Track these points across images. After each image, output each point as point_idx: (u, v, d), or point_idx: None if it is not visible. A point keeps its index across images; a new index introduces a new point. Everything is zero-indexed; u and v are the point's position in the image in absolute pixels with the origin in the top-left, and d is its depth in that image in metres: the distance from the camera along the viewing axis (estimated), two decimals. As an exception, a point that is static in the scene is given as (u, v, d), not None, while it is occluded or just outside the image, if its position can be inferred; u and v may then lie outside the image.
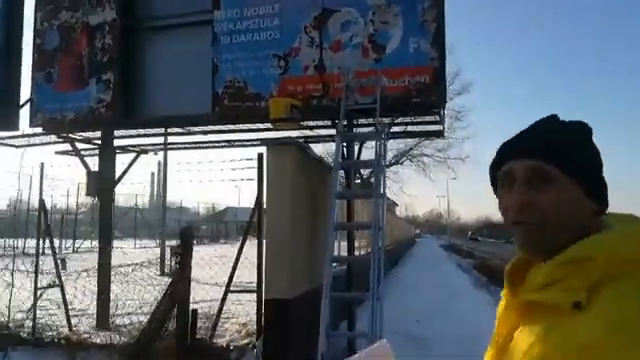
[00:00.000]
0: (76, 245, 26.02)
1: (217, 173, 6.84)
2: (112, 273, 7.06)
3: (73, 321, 7.51)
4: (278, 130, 6.12)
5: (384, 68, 5.98)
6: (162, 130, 7.12)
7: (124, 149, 7.55)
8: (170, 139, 7.53)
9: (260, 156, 5.60)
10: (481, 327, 2.10)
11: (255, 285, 5.61)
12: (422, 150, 28.48)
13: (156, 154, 7.70)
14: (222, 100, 6.61)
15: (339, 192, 4.96)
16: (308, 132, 6.89)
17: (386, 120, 6.20)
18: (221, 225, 48.96)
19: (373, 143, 5.68)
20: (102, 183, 6.96)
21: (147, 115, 7.06)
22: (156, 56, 7.20)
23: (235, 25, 6.66)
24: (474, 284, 14.76)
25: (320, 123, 6.31)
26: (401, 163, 29.12)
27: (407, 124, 6.65)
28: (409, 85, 5.96)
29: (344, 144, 5.97)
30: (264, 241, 5.49)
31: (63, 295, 6.27)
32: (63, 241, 25.47)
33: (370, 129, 6.19)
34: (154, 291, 6.48)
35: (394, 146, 27.53)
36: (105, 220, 7.04)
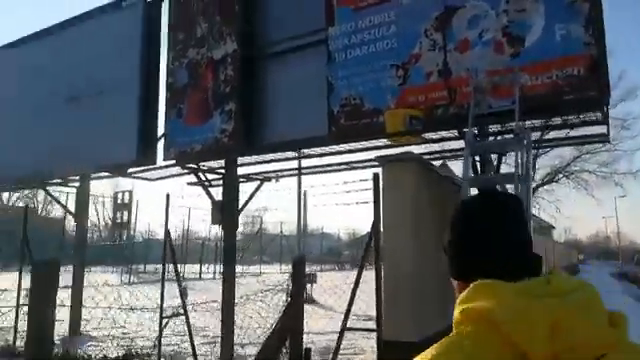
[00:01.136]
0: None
1: (331, 197, 6.36)
2: (241, 299, 6.99)
3: (204, 349, 7.61)
4: (398, 146, 5.42)
5: (524, 64, 4.97)
6: (280, 156, 6.89)
7: (248, 177, 7.52)
8: (287, 165, 7.30)
9: (376, 176, 4.97)
10: None
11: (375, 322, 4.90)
12: (582, 165, 25.01)
13: (277, 181, 7.53)
14: (338, 119, 6.16)
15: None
16: (435, 147, 6.06)
17: (531, 124, 5.12)
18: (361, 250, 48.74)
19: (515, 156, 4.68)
20: (226, 212, 6.95)
21: (266, 141, 6.93)
22: (274, 82, 7.09)
23: (350, 40, 6.22)
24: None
25: (447, 134, 5.46)
26: (557, 181, 25.89)
27: (558, 127, 5.43)
28: (558, 80, 4.84)
29: (477, 157, 5.05)
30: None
31: (188, 324, 6.27)
32: (204, 266, 27.32)
33: (509, 137, 5.15)
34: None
35: (547, 162, 24.69)
36: (229, 248, 7.00)
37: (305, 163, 7.40)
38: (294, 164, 7.39)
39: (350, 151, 6.18)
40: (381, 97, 5.85)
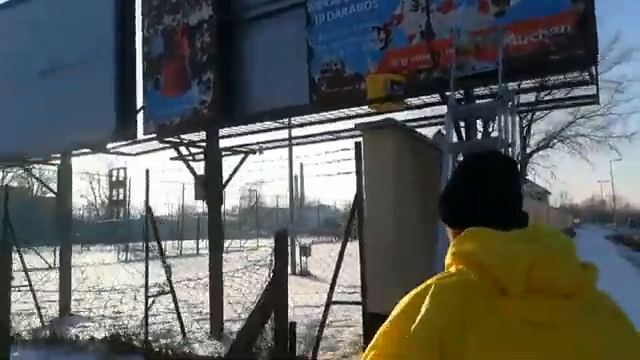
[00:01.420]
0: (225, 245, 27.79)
1: (315, 168, 6.17)
2: (229, 275, 6.89)
3: (196, 325, 7.56)
4: (379, 113, 5.22)
5: (509, 23, 4.73)
6: (262, 126, 6.66)
7: (232, 150, 7.31)
8: (272, 136, 7.09)
9: (357, 145, 4.78)
10: None
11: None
12: (577, 130, 24.78)
13: (261, 153, 7.31)
14: (319, 87, 5.93)
15: (452, 182, 3.91)
16: (427, 112, 5.86)
17: (517, 86, 4.91)
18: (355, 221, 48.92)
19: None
20: (209, 186, 6.79)
21: (248, 111, 6.69)
22: (253, 49, 6.79)
23: (329, 1, 5.93)
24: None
25: (430, 100, 5.25)
26: (552, 146, 25.70)
27: (545, 88, 5.22)
28: (544, 39, 4.61)
29: (462, 123, 4.87)
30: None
31: (175, 301, 6.19)
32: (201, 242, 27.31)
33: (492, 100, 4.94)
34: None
35: (542, 127, 24.44)
36: (214, 224, 6.86)
37: (286, 134, 7.19)
38: (278, 135, 7.19)
39: (331, 120, 5.97)
40: (362, 62, 5.61)
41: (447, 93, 4.40)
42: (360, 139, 4.93)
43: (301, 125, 6.31)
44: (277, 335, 4.65)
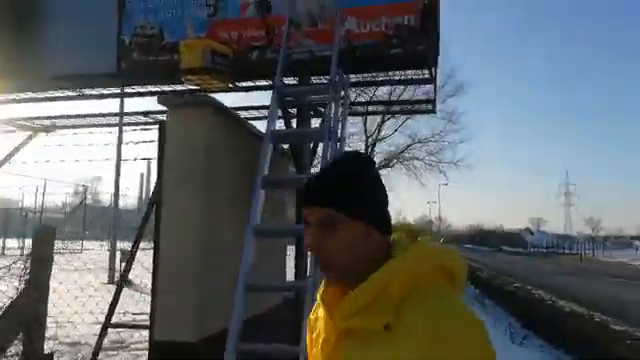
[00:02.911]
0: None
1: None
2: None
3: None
4: (199, 90, 4.26)
5: (352, 5, 4.19)
6: (49, 95, 5.18)
7: (15, 124, 5.65)
8: (62, 111, 5.63)
9: (162, 125, 3.76)
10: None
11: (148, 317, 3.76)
12: (413, 153, 26.73)
13: (53, 131, 5.79)
14: (130, 53, 4.77)
15: (267, 177, 3.12)
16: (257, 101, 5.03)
17: (355, 79, 4.38)
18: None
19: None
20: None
21: (35, 76, 5.17)
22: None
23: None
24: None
25: (264, 83, 4.48)
26: (392, 166, 27.33)
27: (382, 83, 4.81)
28: (387, 30, 4.16)
29: (291, 109, 4.17)
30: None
31: None
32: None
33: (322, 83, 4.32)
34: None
35: (385, 148, 25.83)
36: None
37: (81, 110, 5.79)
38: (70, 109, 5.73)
39: (140, 94, 4.84)
40: (185, 29, 4.62)
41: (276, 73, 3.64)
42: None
43: (93, 97, 5.01)
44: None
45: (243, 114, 5.45)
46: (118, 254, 13.11)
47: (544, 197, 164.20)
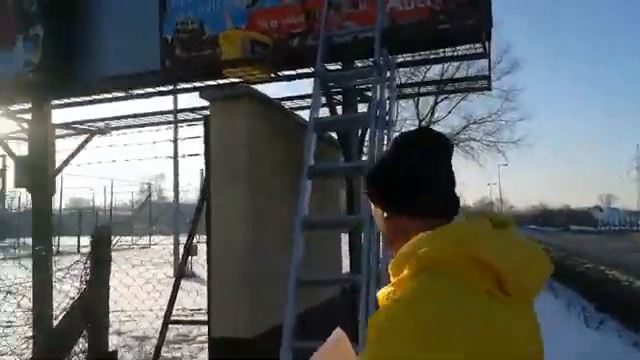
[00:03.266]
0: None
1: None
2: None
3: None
4: (241, 82, 4.20)
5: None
6: (99, 98, 5.31)
7: (70, 127, 5.88)
8: (113, 112, 5.76)
9: (207, 119, 3.73)
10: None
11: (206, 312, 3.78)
12: (470, 134, 25.80)
13: (111, 135, 5.99)
14: (173, 50, 4.79)
15: (312, 167, 3.01)
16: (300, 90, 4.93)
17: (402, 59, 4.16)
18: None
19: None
20: (35, 171, 5.33)
21: (87, 78, 5.32)
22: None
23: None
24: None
25: (305, 71, 4.35)
26: (447, 148, 26.57)
27: (434, 61, 4.55)
28: (433, 5, 3.91)
29: (335, 95, 4.02)
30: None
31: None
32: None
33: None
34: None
35: (440, 130, 25.17)
36: (40, 220, 5.40)
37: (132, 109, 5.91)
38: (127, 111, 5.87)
39: (185, 90, 4.85)
40: (224, 22, 4.56)
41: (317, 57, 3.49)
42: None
43: (141, 96, 5.07)
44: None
45: (288, 104, 5.37)
46: (181, 248, 13.56)
47: (612, 173, 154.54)
